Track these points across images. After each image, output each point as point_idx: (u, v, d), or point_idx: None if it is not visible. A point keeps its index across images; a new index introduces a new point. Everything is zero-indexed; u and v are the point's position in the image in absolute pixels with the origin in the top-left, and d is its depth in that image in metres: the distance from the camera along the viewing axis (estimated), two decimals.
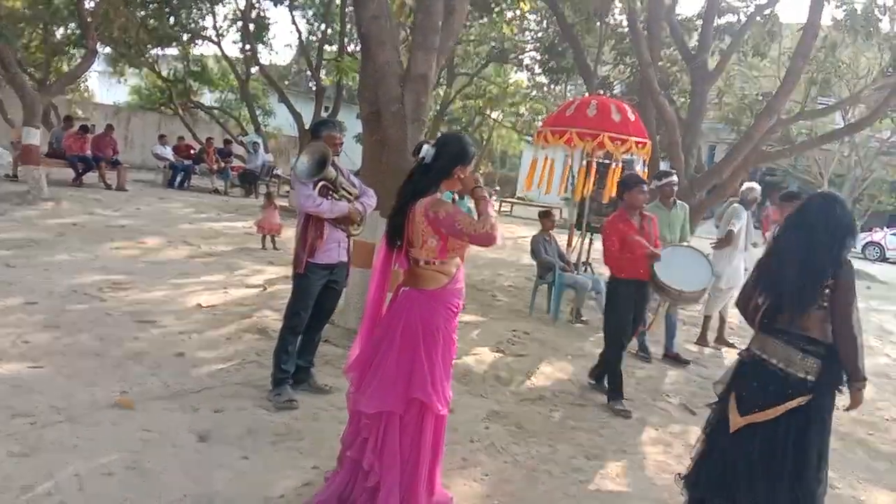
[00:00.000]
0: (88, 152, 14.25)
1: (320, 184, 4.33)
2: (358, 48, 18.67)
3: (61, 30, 14.68)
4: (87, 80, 23.50)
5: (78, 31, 14.05)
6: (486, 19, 16.21)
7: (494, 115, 27.27)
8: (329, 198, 4.36)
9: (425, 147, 3.05)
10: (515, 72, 25.63)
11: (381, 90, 5.89)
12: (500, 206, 25.31)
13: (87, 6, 12.48)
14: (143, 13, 13.92)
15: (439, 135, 4.95)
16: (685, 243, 6.48)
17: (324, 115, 16.14)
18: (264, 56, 19.77)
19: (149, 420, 3.91)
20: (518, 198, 30.08)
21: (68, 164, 14.04)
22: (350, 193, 4.49)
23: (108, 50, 17.74)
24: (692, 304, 6.92)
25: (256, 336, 5.81)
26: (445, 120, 23.26)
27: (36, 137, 11.74)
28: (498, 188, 26.52)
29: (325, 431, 4.10)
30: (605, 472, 4.10)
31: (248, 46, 18.22)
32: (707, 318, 7.67)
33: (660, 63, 12.61)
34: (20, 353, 4.72)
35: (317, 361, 4.92)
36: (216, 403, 4.27)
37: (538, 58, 19.31)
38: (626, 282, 5.30)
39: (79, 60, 14.52)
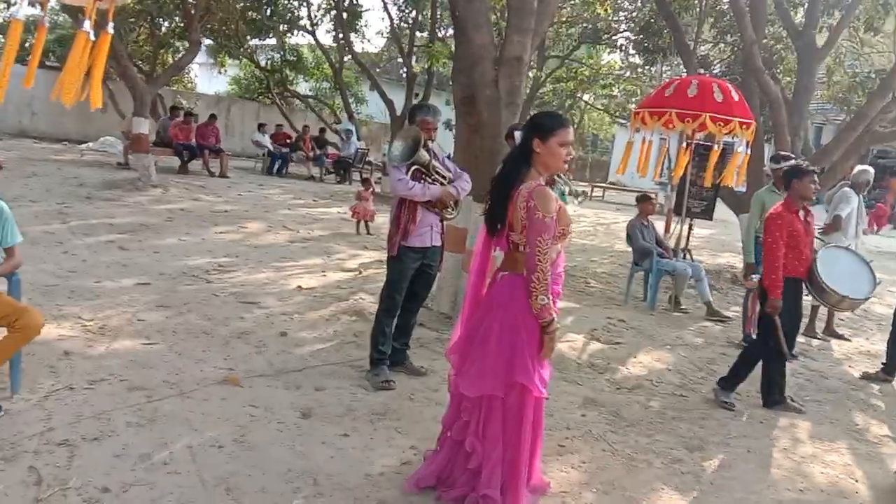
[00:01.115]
0: (193, 141, 14.91)
1: (413, 168, 4.36)
2: (449, 34, 18.78)
3: (167, 23, 15.37)
4: (190, 71, 24.54)
5: (182, 24, 14.67)
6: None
7: (586, 97, 26.75)
8: (422, 182, 4.39)
9: (517, 132, 3.05)
10: (608, 53, 25.03)
11: (475, 73, 5.87)
12: (592, 191, 24.89)
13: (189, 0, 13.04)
14: (242, 4, 14.38)
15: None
16: (846, 244, 6.15)
17: (414, 101, 16.27)
18: (357, 44, 20.08)
19: (254, 396, 4.07)
20: (610, 183, 29.49)
21: (175, 153, 14.73)
22: (444, 177, 4.50)
23: (209, 42, 18.45)
24: (845, 311, 6.50)
25: (353, 318, 5.94)
26: (535, 103, 22.99)
27: (145, 127, 12.38)
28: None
29: (421, 412, 4.15)
30: (708, 464, 3.97)
31: (341, 35, 18.55)
32: (815, 309, 7.28)
33: (764, 40, 11.99)
34: (135, 330, 5.00)
35: (412, 344, 4.98)
36: (317, 382, 4.40)
37: (633, 38, 18.76)
38: (787, 280, 4.85)
39: (183, 52, 15.21)
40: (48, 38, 12.57)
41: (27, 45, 18.14)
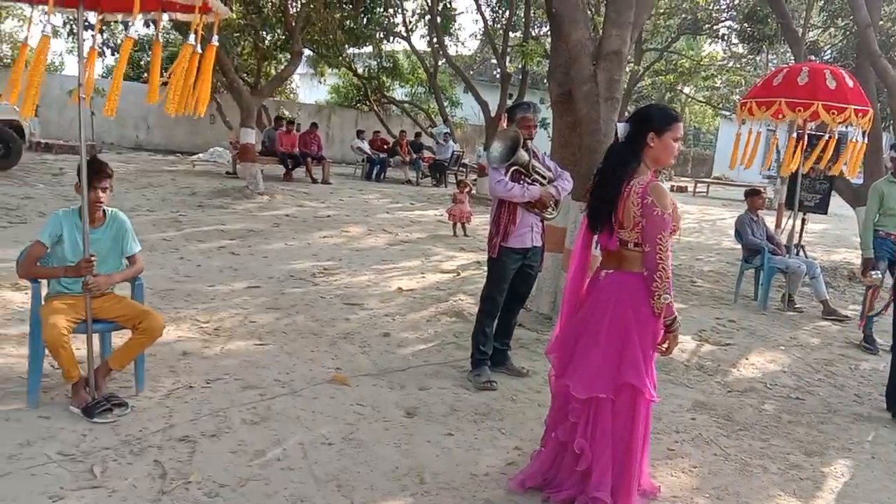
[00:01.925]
0: (297, 149, 15.46)
1: (512, 168, 4.35)
2: (542, 32, 18.64)
3: (269, 36, 16.00)
4: (292, 82, 25.46)
5: (284, 36, 15.24)
6: None
7: (686, 90, 25.89)
8: (521, 182, 4.37)
9: (620, 126, 2.97)
10: (709, 43, 24.14)
11: (573, 70, 5.79)
12: (696, 186, 24.06)
13: (291, 12, 13.52)
14: (340, 14, 14.79)
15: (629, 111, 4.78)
16: None
17: (509, 102, 16.23)
18: (451, 47, 20.27)
19: (361, 395, 4.17)
20: (714, 178, 28.41)
21: (279, 161, 15.33)
22: (544, 177, 4.46)
23: (309, 52, 19.07)
24: None
25: (453, 319, 5.99)
26: (633, 98, 22.46)
27: (252, 137, 12.94)
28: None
29: (524, 413, 4.13)
30: (828, 470, 3.75)
31: (435, 39, 18.76)
32: None
33: (880, 22, 11.23)
34: (247, 331, 5.23)
35: (513, 345, 4.96)
36: (420, 382, 4.45)
37: (736, 26, 18.01)
38: None
39: (285, 64, 15.79)
40: (162, 55, 13.32)
41: (142, 63, 19.42)
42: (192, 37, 2.86)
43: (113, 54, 16.45)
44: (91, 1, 3.24)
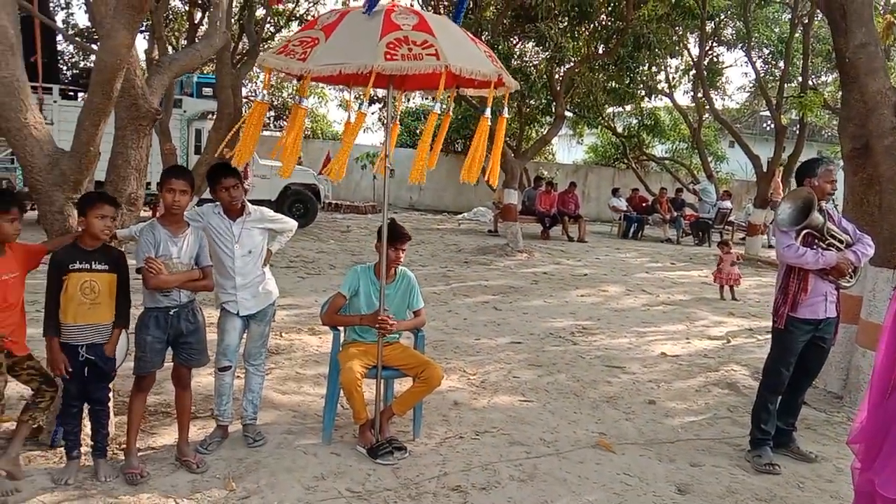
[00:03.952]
0: (554, 209, 15.76)
1: (804, 232, 4.00)
2: (820, 81, 17.20)
3: (532, 101, 16.63)
4: (550, 143, 26.17)
5: (546, 100, 15.77)
6: None
7: None
8: (815, 247, 3.99)
9: None
10: None
11: (871, 122, 5.23)
12: None
13: (556, 77, 13.98)
14: (603, 76, 14.99)
15: None
16: None
17: (783, 155, 15.09)
18: (716, 101, 19.45)
19: (627, 464, 4.03)
20: None
21: (537, 220, 15.73)
22: (840, 241, 4.05)
23: (569, 114, 19.50)
24: None
25: (726, 391, 5.58)
26: None
27: (514, 197, 13.45)
28: None
29: (811, 503, 3.69)
30: None
31: (700, 94, 18.16)
32: None
33: None
34: (511, 386, 5.35)
35: (798, 425, 4.48)
36: (691, 457, 4.19)
37: None
38: None
39: (547, 127, 16.27)
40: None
41: (417, 131, 21.27)
42: (487, 110, 3.08)
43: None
44: (398, 81, 3.64)
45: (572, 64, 13.81)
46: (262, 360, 4.11)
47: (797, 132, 15.90)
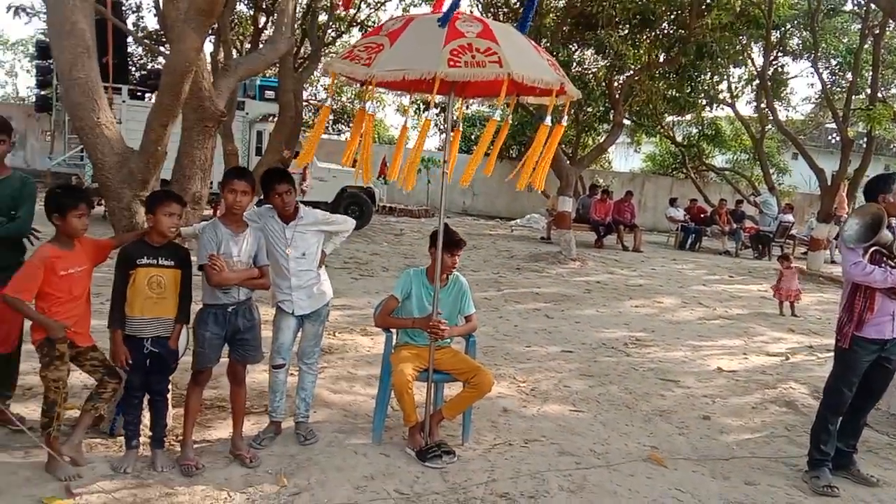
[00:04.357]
0: (609, 217, 15.57)
1: (871, 249, 3.86)
2: (889, 94, 16.55)
3: (590, 108, 16.50)
4: (607, 151, 25.91)
5: (604, 108, 15.63)
6: None
7: None
8: (884, 265, 3.85)
9: None
10: None
11: None
12: None
13: (615, 84, 13.84)
14: (664, 84, 14.76)
15: None
16: None
17: (849, 168, 14.61)
18: (780, 112, 18.93)
19: (680, 479, 3.95)
20: None
21: (591, 228, 15.56)
22: None
23: (627, 122, 19.27)
24: None
25: (784, 409, 5.43)
26: None
27: (569, 205, 13.35)
28: None
29: None
30: None
31: (764, 104, 17.71)
32: None
33: None
34: (562, 396, 5.31)
35: (859, 447, 4.33)
36: (746, 475, 4.09)
37: None
38: None
39: (604, 135, 16.11)
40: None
41: (472, 137, 21.31)
42: (547, 118, 3.08)
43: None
44: (460, 87, 3.67)
45: (632, 72, 13.64)
46: (315, 359, 4.17)
47: (864, 145, 15.37)
